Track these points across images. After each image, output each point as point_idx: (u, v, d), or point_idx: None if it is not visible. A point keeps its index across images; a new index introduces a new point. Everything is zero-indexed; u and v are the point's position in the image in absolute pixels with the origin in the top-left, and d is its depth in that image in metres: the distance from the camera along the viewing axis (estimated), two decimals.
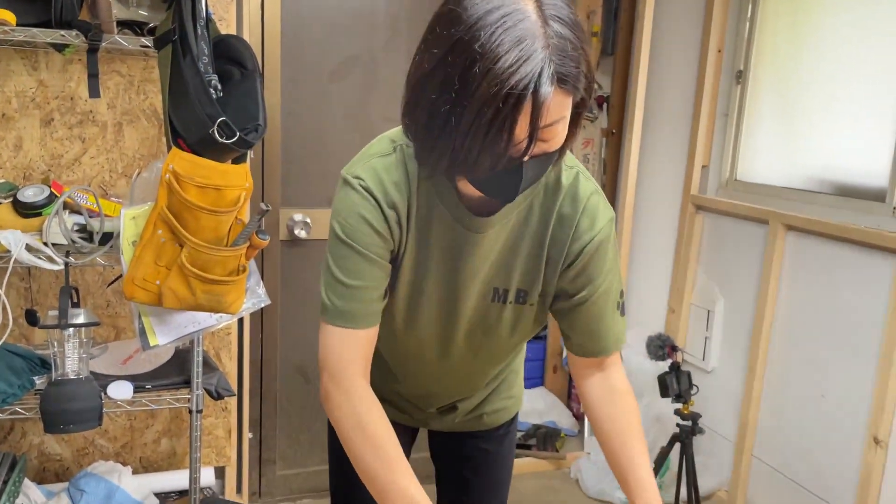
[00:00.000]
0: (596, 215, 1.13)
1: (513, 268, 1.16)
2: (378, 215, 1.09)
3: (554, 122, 0.92)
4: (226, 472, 2.59)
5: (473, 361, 1.28)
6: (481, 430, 1.45)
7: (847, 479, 2.36)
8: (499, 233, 1.13)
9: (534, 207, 1.13)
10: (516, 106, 0.87)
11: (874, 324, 2.27)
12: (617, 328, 1.20)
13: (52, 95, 2.15)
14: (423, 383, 1.33)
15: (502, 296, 1.18)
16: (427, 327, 1.22)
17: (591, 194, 1.13)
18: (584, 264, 1.14)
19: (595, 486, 2.86)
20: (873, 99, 2.39)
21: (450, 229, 1.12)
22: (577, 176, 1.13)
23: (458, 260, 1.14)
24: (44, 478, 2.33)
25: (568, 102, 0.93)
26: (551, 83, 0.88)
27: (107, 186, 2.24)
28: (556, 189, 1.12)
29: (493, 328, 1.22)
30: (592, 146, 3.25)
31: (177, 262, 1.68)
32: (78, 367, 1.75)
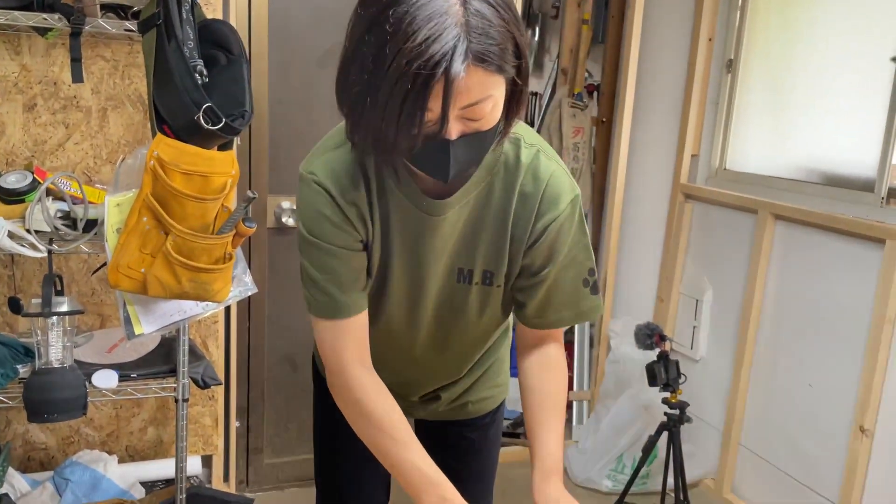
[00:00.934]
0: (559, 193, 1.11)
1: (476, 248, 1.15)
2: (335, 209, 1.10)
3: (479, 102, 0.91)
4: (213, 461, 2.58)
5: (447, 346, 1.28)
6: (466, 418, 1.44)
7: (833, 467, 2.38)
8: (459, 214, 1.12)
9: (494, 187, 1.12)
10: (426, 84, 0.86)
11: (861, 314, 2.28)
12: (581, 303, 1.19)
13: (35, 80, 2.12)
14: (400, 370, 1.33)
15: (467, 276, 1.17)
16: (396, 312, 1.22)
17: (553, 172, 1.12)
18: (548, 242, 1.13)
19: (582, 473, 2.86)
20: (863, 89, 2.39)
21: (409, 214, 1.12)
22: (538, 154, 1.12)
23: (420, 243, 1.14)
24: (28, 467, 2.31)
25: (493, 81, 0.92)
26: (464, 61, 0.87)
27: (91, 173, 2.21)
28: (517, 167, 1.11)
29: (461, 310, 1.21)
30: (583, 135, 3.24)
31: (162, 250, 1.66)
32: (62, 355, 1.73)
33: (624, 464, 2.81)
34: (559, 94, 3.26)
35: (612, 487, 2.79)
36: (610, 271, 3.19)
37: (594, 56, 3.39)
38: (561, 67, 3.32)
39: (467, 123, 0.94)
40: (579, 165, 3.25)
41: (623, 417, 2.85)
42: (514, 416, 3.24)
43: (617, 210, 3.15)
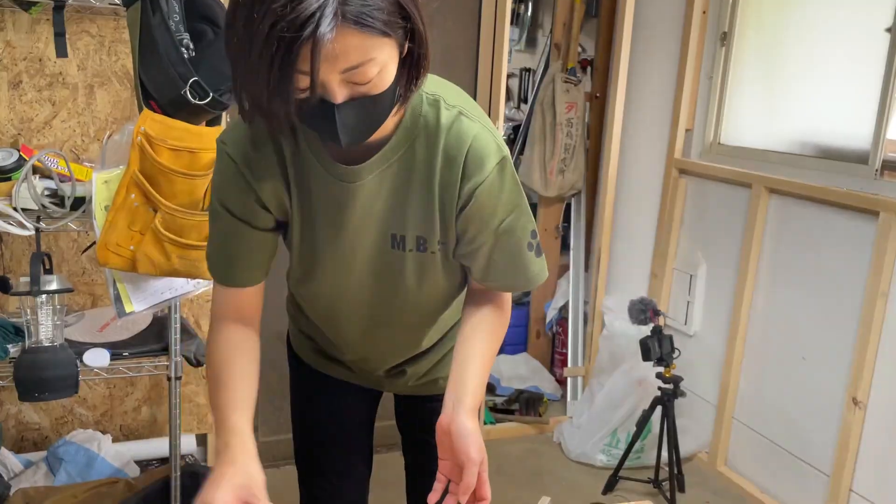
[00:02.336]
0: (484, 155, 1.08)
1: (405, 214, 1.12)
2: (242, 181, 1.09)
3: (360, 65, 0.89)
4: (208, 440, 2.58)
5: (393, 317, 1.25)
6: (439, 393, 1.40)
7: (826, 440, 2.39)
8: (381, 179, 1.10)
9: (416, 151, 1.09)
10: (291, 46, 0.84)
11: (855, 286, 2.28)
12: (530, 268, 1.17)
13: (19, 57, 2.08)
14: (354, 344, 1.31)
15: (400, 242, 1.14)
16: (331, 280, 1.20)
17: (476, 133, 1.08)
18: (478, 206, 1.10)
19: (577, 448, 2.87)
20: (857, 61, 2.38)
21: (327, 182, 1.10)
22: (459, 115, 1.08)
23: (343, 212, 1.12)
24: (22, 447, 2.30)
25: (375, 44, 0.89)
26: (333, 23, 0.84)
27: (79, 151, 2.19)
28: (437, 130, 1.08)
29: (398, 278, 1.18)
30: (576, 110, 3.22)
31: (151, 227, 1.65)
32: (52, 334, 1.72)
33: (618, 438, 2.82)
34: (552, 70, 3.23)
35: (606, 462, 2.80)
36: (604, 247, 3.19)
37: (587, 31, 3.36)
38: (554, 42, 3.29)
39: (354, 87, 0.92)
40: (573, 141, 3.23)
41: (617, 393, 2.85)
42: (509, 393, 3.25)
43: (611, 186, 3.14)
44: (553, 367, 3.53)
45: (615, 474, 2.65)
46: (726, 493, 2.72)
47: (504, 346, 3.58)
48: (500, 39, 2.78)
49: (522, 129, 3.42)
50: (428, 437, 1.45)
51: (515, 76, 3.82)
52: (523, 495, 2.58)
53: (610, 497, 2.59)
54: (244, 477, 0.99)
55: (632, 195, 3.26)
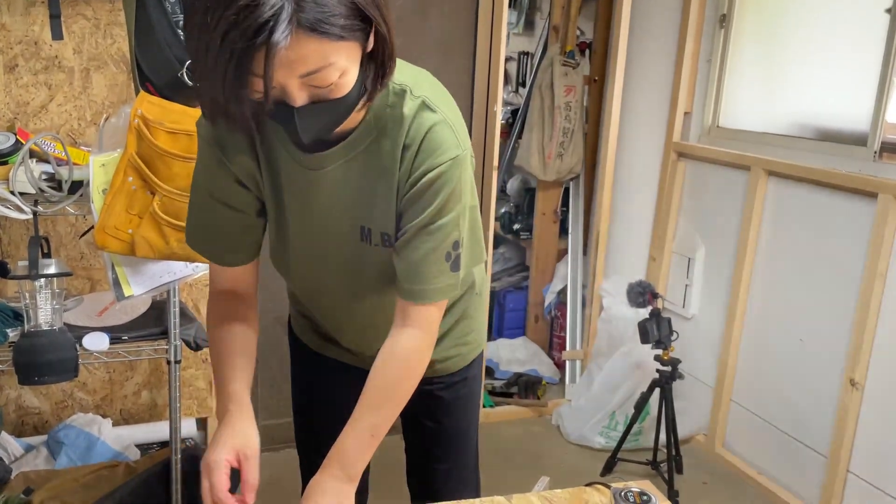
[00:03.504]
0: (439, 145, 1.05)
1: (371, 207, 1.12)
2: (220, 163, 1.12)
3: (319, 70, 0.89)
4: (208, 424, 2.59)
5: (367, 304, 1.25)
6: (434, 376, 1.40)
7: (824, 421, 2.40)
8: (347, 169, 1.09)
9: (380, 142, 1.08)
10: (246, 52, 0.85)
11: (853, 268, 2.29)
12: (439, 279, 1.11)
13: (14, 40, 2.07)
14: (340, 325, 1.32)
15: (367, 236, 1.14)
16: (300, 267, 1.23)
17: (434, 123, 1.06)
18: (416, 194, 1.07)
19: (575, 431, 2.89)
20: (857, 42, 2.37)
21: (294, 168, 1.11)
22: (422, 105, 1.06)
23: (308, 198, 1.13)
24: (22, 431, 2.31)
25: (333, 48, 0.89)
26: (288, 29, 0.84)
27: (76, 135, 2.18)
28: (401, 121, 1.06)
29: (368, 270, 1.18)
30: (574, 93, 3.20)
31: (149, 210, 1.64)
32: (51, 318, 1.72)
33: (616, 421, 2.84)
34: (550, 53, 3.22)
35: (604, 444, 2.82)
36: (602, 231, 3.19)
37: (586, 13, 3.34)
38: (552, 25, 3.27)
39: (315, 91, 0.92)
40: (571, 125, 3.22)
41: (615, 375, 2.87)
42: (507, 377, 3.26)
43: (609, 169, 3.13)
44: (552, 350, 3.54)
45: (613, 456, 2.67)
46: (724, 475, 2.73)
47: (503, 330, 3.59)
48: (499, 23, 2.76)
49: (521, 112, 3.41)
50: (427, 422, 1.46)
51: (514, 60, 3.80)
52: (522, 478, 2.59)
53: (608, 478, 2.61)
54: (241, 438, 1.07)
55: (630, 179, 3.26)
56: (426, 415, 1.45)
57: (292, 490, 1.54)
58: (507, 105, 3.58)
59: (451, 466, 1.47)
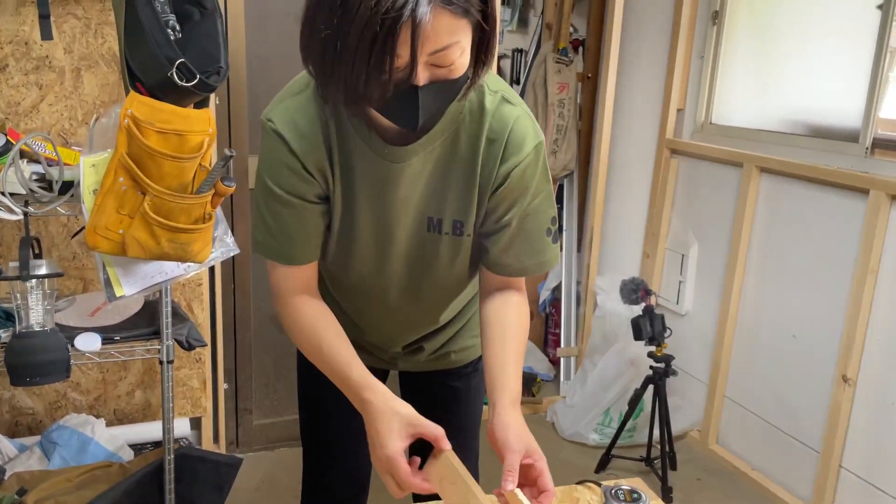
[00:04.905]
0: (524, 138, 1.11)
1: (445, 197, 1.14)
2: (293, 158, 1.10)
3: (446, 47, 0.91)
4: (202, 423, 2.59)
5: (420, 295, 1.27)
6: (449, 367, 1.45)
7: (816, 417, 2.41)
8: (424, 161, 1.11)
9: (460, 135, 1.11)
10: (392, 28, 0.86)
11: (845, 265, 2.29)
12: (544, 252, 1.19)
13: (5, 40, 2.06)
14: (379, 322, 1.33)
15: (437, 226, 1.16)
16: (366, 261, 1.22)
17: (517, 117, 1.11)
18: (511, 187, 1.12)
19: (570, 427, 2.89)
20: (849, 38, 2.37)
21: (371, 161, 1.11)
22: (502, 99, 1.11)
23: (385, 191, 1.13)
24: (16, 431, 2.31)
25: (461, 26, 0.91)
26: (430, 4, 0.86)
27: (67, 135, 2.17)
28: (481, 114, 1.10)
29: (432, 259, 1.20)
30: (568, 90, 3.21)
31: (140, 211, 1.63)
32: (43, 319, 1.72)
33: (611, 417, 2.84)
34: (544, 50, 3.22)
35: (598, 441, 2.82)
36: (596, 227, 3.19)
37: (579, 10, 3.34)
38: (545, 22, 3.27)
39: (435, 71, 0.93)
40: (565, 122, 3.22)
41: (609, 372, 2.87)
42: None
43: (602, 166, 3.13)
44: (547, 347, 3.54)
45: (607, 453, 2.67)
46: (718, 471, 2.74)
47: None
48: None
49: None
50: (438, 412, 1.46)
51: (507, 57, 3.80)
52: None
53: (602, 475, 2.62)
54: (400, 419, 1.05)
55: (624, 175, 3.26)
56: (439, 405, 1.46)
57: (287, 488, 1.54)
58: None
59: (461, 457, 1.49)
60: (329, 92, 0.98)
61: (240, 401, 2.71)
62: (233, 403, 2.71)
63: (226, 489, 2.08)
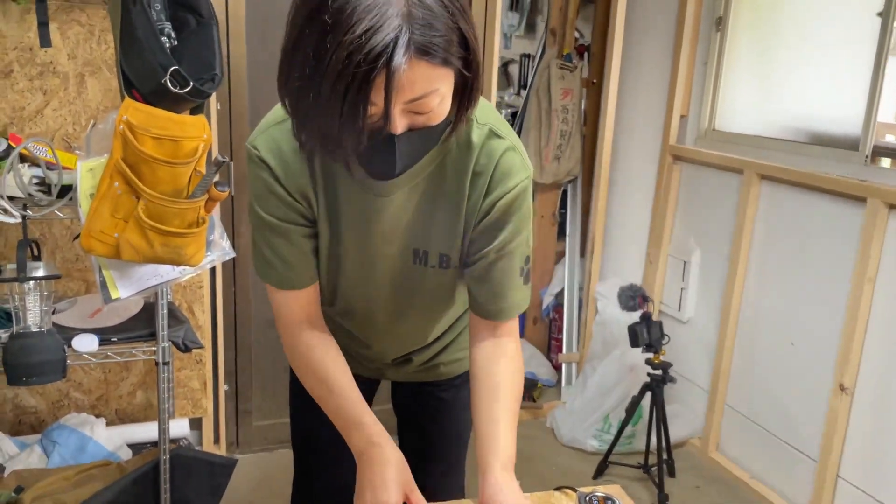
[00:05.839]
0: (510, 171, 1.10)
1: (430, 230, 1.13)
2: (278, 185, 1.10)
3: (424, 96, 0.89)
4: (202, 424, 2.62)
5: (408, 319, 1.28)
6: (439, 379, 1.45)
7: (814, 426, 2.39)
8: (409, 195, 1.11)
9: (446, 168, 1.10)
10: (367, 78, 0.84)
11: (843, 272, 2.28)
12: (518, 294, 1.17)
13: (10, 46, 2.11)
14: (367, 340, 1.34)
15: (423, 258, 1.16)
16: (351, 290, 1.22)
17: (505, 150, 1.09)
18: (493, 220, 1.11)
19: (569, 433, 2.89)
20: (849, 46, 2.36)
21: (355, 193, 1.11)
22: (490, 133, 1.10)
23: (369, 223, 1.13)
24: (19, 430, 2.35)
25: (439, 75, 0.89)
26: (407, 54, 0.84)
27: (70, 139, 2.21)
28: (468, 148, 1.09)
29: (417, 289, 1.20)
30: (572, 96, 3.21)
31: (134, 215, 1.66)
32: (40, 320, 1.75)
33: (610, 424, 2.84)
34: (548, 56, 3.23)
35: (597, 447, 2.82)
36: (598, 233, 3.19)
37: (585, 16, 3.34)
38: (550, 28, 3.28)
39: (414, 118, 0.93)
40: (569, 128, 3.22)
41: (609, 378, 2.87)
42: None
43: (605, 172, 3.13)
44: (550, 353, 3.54)
45: (605, 459, 2.67)
46: (717, 479, 2.73)
47: None
48: (492, 27, 2.78)
49: (519, 115, 3.41)
50: (427, 423, 1.48)
51: (516, 62, 3.81)
52: None
53: (599, 481, 2.61)
54: (402, 473, 1.09)
55: (627, 181, 3.26)
56: (427, 416, 1.48)
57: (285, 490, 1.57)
58: (509, 107, 3.59)
59: (446, 467, 1.50)
60: (304, 137, 0.98)
61: (240, 402, 2.74)
62: (233, 405, 2.74)
63: (221, 489, 2.10)
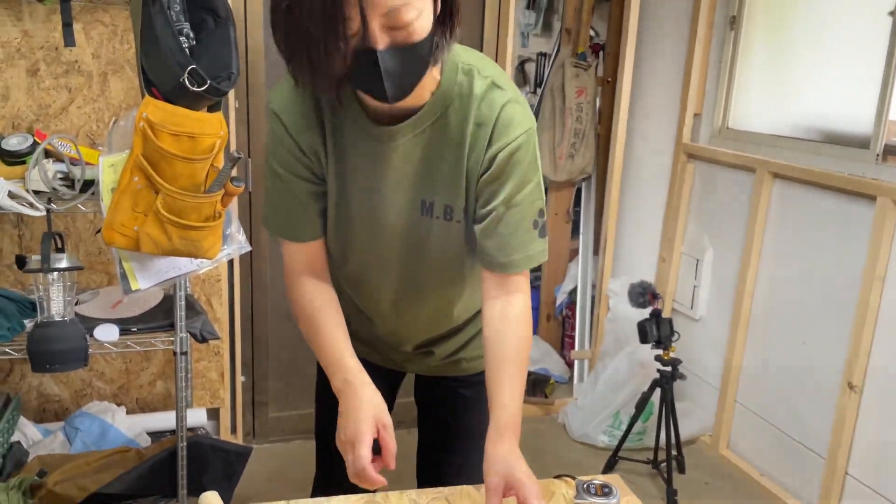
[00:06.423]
0: (512, 122, 1.12)
1: (435, 180, 1.17)
2: (289, 138, 1.17)
3: (398, 7, 0.94)
4: (220, 414, 2.69)
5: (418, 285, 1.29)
6: (461, 375, 1.46)
7: (823, 423, 2.40)
8: (414, 144, 1.15)
9: (449, 117, 1.13)
10: None
11: (853, 271, 2.28)
12: (531, 246, 1.18)
13: (37, 45, 2.18)
14: (385, 313, 1.35)
15: (429, 209, 1.18)
16: (360, 248, 1.25)
17: (506, 102, 1.12)
18: (497, 171, 1.13)
19: (580, 429, 2.92)
20: (861, 45, 2.36)
21: (363, 141, 1.16)
22: (492, 84, 1.13)
23: (376, 172, 1.17)
24: (44, 417, 2.43)
25: None
26: None
27: (94, 136, 2.28)
28: (470, 97, 1.13)
29: (424, 244, 1.22)
30: (586, 95, 3.23)
31: (153, 209, 1.72)
32: (63, 309, 1.82)
33: (621, 420, 2.86)
34: (562, 54, 3.25)
35: (608, 443, 2.85)
36: (610, 231, 3.21)
37: (601, 14, 3.36)
38: (565, 27, 3.30)
39: (394, 35, 0.97)
40: (583, 126, 3.25)
41: (620, 375, 2.89)
42: None
43: (617, 170, 3.15)
44: (563, 350, 3.57)
45: (614, 455, 2.70)
46: (726, 476, 2.74)
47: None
48: (505, 25, 2.81)
49: (533, 113, 3.44)
50: (448, 418, 1.48)
51: (532, 61, 3.83)
52: None
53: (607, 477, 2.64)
54: (374, 408, 1.12)
55: (641, 180, 3.27)
56: (448, 411, 1.49)
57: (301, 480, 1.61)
58: None
59: (464, 462, 1.49)
60: (297, 71, 1.03)
61: (256, 393, 2.80)
62: (250, 396, 2.80)
63: (236, 477, 2.16)
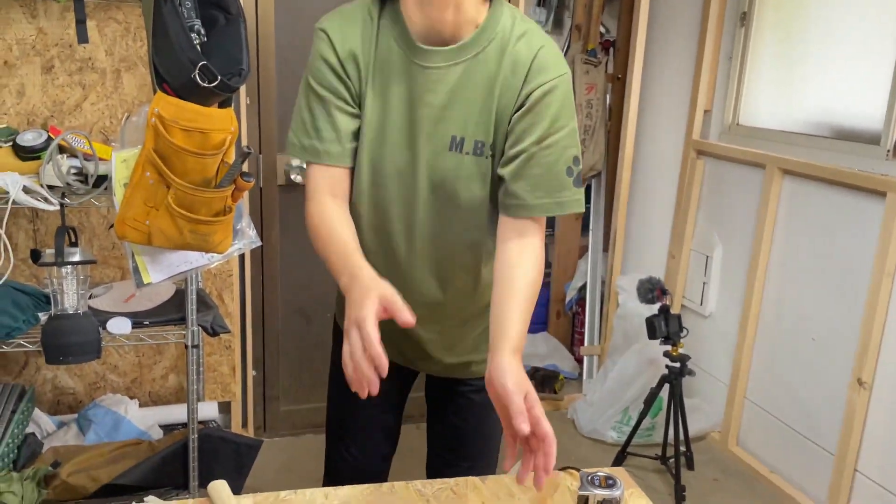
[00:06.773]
0: (548, 64, 1.16)
1: (468, 115, 1.19)
2: (334, 56, 1.21)
3: None
4: (231, 408, 2.71)
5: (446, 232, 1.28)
6: (471, 378, 1.47)
7: (833, 420, 2.40)
8: (451, 72, 1.18)
9: (488, 53, 1.18)
10: None
11: (863, 267, 2.28)
12: (563, 192, 1.18)
13: (51, 43, 2.21)
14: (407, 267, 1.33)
15: (459, 144, 1.20)
16: (391, 183, 1.25)
17: (543, 45, 1.17)
18: (531, 109, 1.16)
19: (589, 425, 2.93)
20: (871, 41, 2.35)
21: (405, 69, 1.19)
22: (531, 29, 1.19)
23: (415, 101, 1.20)
24: (58, 409, 2.47)
25: None
26: None
27: (108, 132, 2.31)
28: (509, 37, 1.17)
29: (454, 181, 1.22)
30: (596, 91, 3.24)
31: (164, 203, 1.75)
32: (76, 303, 1.85)
33: (630, 416, 2.87)
34: (572, 51, 3.26)
35: (617, 439, 2.85)
36: (620, 227, 3.21)
37: (611, 11, 3.36)
38: (574, 23, 3.30)
39: None
40: (592, 122, 3.25)
41: (629, 371, 2.89)
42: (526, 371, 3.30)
43: (627, 166, 3.15)
44: (573, 346, 3.58)
45: (623, 450, 2.70)
46: (735, 472, 2.74)
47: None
48: None
49: None
50: (457, 422, 1.49)
51: None
52: None
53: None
54: (381, 289, 1.06)
55: (650, 176, 3.27)
56: (456, 414, 1.49)
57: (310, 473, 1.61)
58: None
59: (474, 465, 1.50)
60: None
61: (267, 388, 2.83)
62: (261, 390, 2.82)
63: (246, 469, 2.19)
